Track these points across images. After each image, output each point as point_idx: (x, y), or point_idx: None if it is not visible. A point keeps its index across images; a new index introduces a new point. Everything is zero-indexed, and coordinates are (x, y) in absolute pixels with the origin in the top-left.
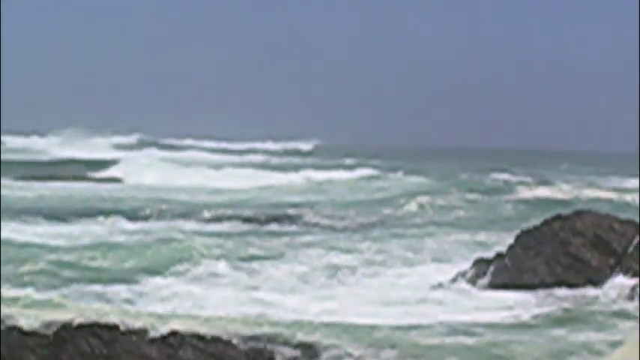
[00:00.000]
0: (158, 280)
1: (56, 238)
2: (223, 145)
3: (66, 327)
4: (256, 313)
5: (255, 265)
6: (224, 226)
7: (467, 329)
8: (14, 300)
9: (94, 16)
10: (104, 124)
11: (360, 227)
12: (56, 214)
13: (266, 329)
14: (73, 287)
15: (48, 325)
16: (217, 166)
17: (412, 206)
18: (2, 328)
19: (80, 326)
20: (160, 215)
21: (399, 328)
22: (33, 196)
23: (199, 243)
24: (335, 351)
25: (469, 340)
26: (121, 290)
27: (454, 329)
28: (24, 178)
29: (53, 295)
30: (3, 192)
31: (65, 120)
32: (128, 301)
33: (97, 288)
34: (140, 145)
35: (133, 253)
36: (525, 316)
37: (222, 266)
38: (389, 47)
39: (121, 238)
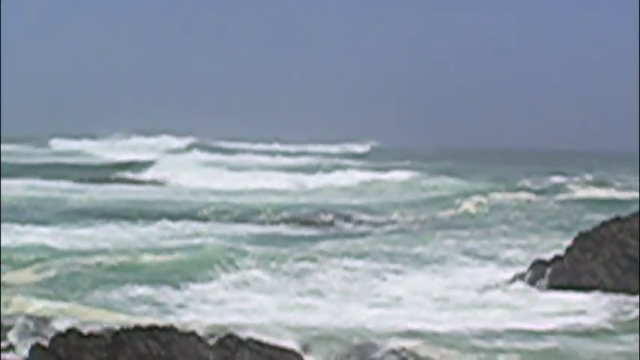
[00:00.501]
0: (212, 284)
1: (104, 241)
2: (276, 147)
3: (124, 329)
4: (312, 317)
5: (307, 267)
6: (279, 229)
7: (541, 336)
8: (69, 301)
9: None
10: (157, 127)
11: (414, 228)
12: (109, 217)
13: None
14: (125, 289)
15: (105, 327)
16: (269, 168)
17: (467, 207)
18: (61, 330)
19: (138, 328)
20: (216, 218)
21: (479, 335)
22: (85, 199)
23: (252, 247)
24: None
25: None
26: (172, 293)
27: (527, 335)
28: (81, 180)
29: (105, 296)
30: (60, 195)
31: (118, 123)
32: (181, 305)
33: (148, 291)
34: (191, 147)
35: (184, 257)
36: (591, 321)
37: (273, 269)
38: (445, 48)
39: (172, 242)
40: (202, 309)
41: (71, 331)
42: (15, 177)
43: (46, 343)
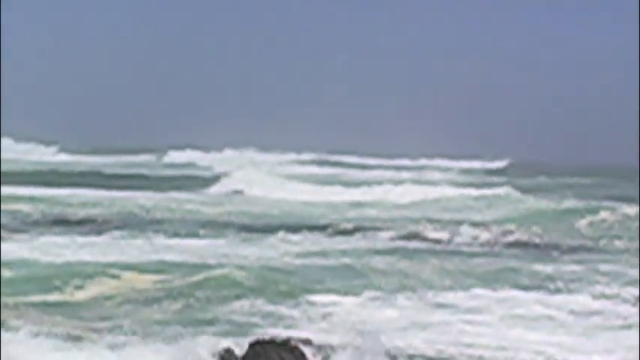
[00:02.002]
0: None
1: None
2: (405, 162)
3: (259, 341)
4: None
5: (429, 281)
6: (399, 243)
7: None
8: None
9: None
10: (281, 143)
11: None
12: (239, 228)
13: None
14: (253, 302)
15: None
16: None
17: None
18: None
19: (273, 341)
20: (334, 232)
21: None
22: (216, 212)
23: (376, 259)
24: None
25: None
26: (305, 306)
27: None
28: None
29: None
30: (193, 207)
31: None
32: (313, 320)
33: (278, 303)
34: (308, 162)
35: (310, 270)
36: None
37: (399, 283)
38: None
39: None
40: (335, 322)
41: (209, 341)
42: (146, 189)
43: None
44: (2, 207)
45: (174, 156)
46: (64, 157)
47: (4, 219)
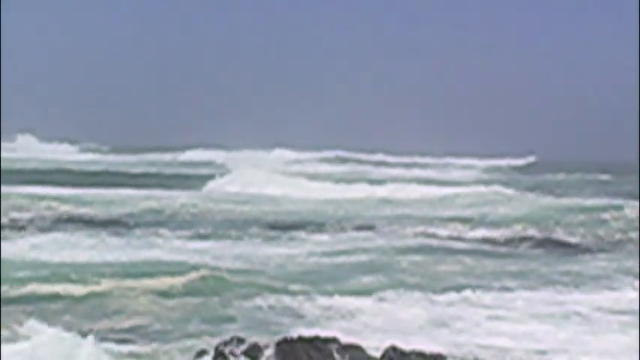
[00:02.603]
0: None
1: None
2: (428, 160)
3: (287, 339)
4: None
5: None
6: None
7: None
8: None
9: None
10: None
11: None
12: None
13: None
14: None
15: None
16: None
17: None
18: (227, 339)
19: (301, 339)
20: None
21: None
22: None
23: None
24: None
25: None
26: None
27: None
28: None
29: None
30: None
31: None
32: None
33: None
34: (335, 160)
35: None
36: None
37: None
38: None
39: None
40: (362, 321)
41: (234, 338)
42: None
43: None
44: (28, 205)
45: (192, 154)
46: (86, 157)
47: (29, 218)
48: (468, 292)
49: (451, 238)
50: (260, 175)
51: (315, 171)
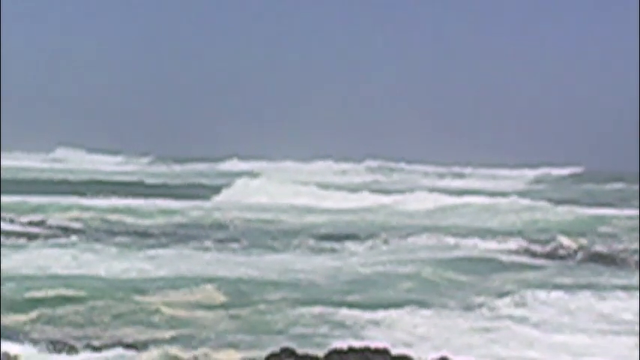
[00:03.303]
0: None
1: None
2: (468, 170)
3: (337, 350)
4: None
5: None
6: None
7: None
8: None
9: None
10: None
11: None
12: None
13: None
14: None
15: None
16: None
17: None
18: (277, 350)
19: (351, 349)
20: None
21: None
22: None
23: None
24: None
25: None
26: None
27: None
28: None
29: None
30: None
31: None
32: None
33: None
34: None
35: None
36: None
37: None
38: None
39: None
40: (412, 332)
41: (285, 350)
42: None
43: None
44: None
45: (231, 165)
46: (131, 167)
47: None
48: (511, 303)
49: (495, 249)
50: (288, 186)
51: (351, 181)
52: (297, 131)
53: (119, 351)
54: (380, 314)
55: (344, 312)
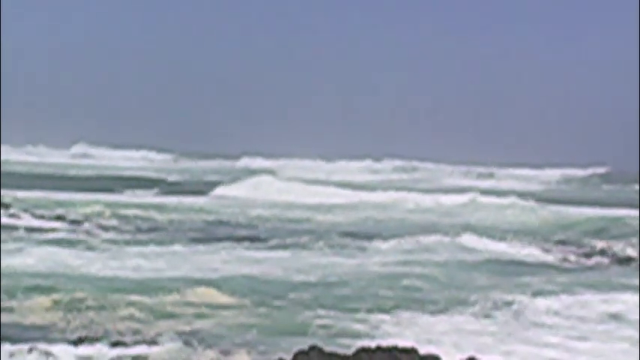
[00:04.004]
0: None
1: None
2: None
3: (365, 349)
4: None
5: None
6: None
7: None
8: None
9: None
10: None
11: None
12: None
13: None
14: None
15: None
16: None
17: None
18: (305, 348)
19: (379, 348)
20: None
21: None
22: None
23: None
24: None
25: None
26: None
27: None
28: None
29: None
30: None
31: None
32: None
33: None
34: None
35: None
36: None
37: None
38: None
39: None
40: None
41: (313, 348)
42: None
43: (288, 358)
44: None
45: (248, 162)
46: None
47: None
48: (537, 305)
49: (519, 251)
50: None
51: (374, 179)
52: (319, 129)
53: (138, 349)
54: (405, 314)
55: (368, 310)
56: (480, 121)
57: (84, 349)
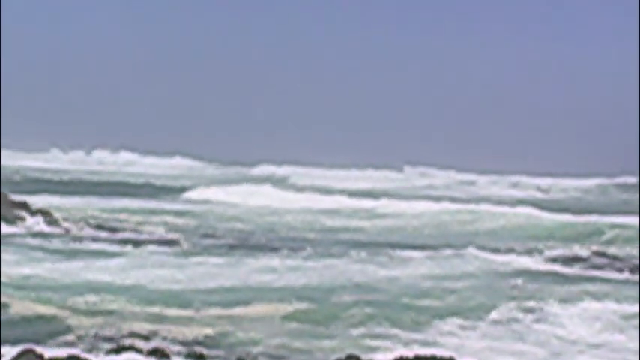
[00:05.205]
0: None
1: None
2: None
3: (403, 357)
4: None
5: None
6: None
7: None
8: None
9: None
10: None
11: None
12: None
13: None
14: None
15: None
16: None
17: None
18: (342, 357)
19: (418, 358)
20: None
21: None
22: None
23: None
24: None
25: None
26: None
27: None
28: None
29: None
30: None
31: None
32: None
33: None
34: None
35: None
36: None
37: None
38: None
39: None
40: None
41: (350, 357)
42: None
43: None
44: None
45: (263, 169)
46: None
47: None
48: (573, 315)
49: (550, 260)
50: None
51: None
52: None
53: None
54: (439, 325)
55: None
56: (511, 130)
57: None
